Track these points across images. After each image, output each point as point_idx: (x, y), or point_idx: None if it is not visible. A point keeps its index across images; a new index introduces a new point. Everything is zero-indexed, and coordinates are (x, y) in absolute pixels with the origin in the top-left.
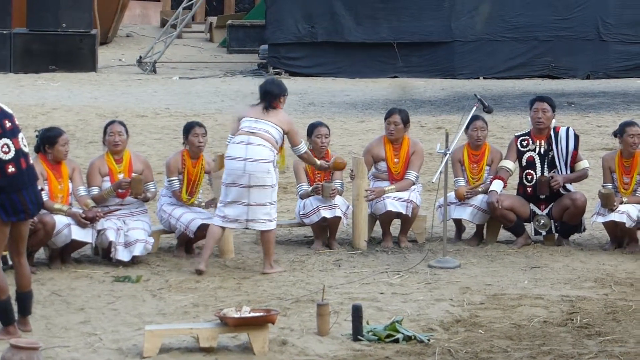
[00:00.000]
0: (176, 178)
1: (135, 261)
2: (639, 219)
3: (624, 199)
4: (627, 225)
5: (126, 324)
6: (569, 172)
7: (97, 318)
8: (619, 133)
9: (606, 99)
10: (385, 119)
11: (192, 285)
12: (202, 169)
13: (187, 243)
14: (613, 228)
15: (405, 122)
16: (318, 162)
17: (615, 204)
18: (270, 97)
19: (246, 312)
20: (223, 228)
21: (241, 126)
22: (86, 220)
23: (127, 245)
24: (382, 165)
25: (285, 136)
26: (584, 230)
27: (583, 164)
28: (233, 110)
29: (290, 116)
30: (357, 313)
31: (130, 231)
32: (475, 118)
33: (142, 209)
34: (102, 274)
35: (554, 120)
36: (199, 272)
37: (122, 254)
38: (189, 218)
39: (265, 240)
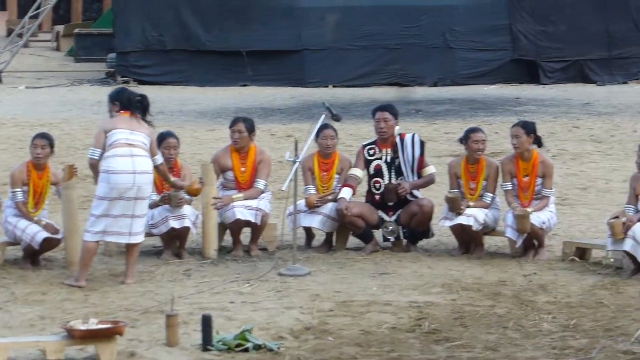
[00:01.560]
0: (20, 189)
1: None
2: (486, 223)
3: (471, 204)
4: (473, 228)
5: None
6: (415, 178)
7: None
8: (464, 139)
9: (453, 106)
10: (230, 127)
11: (38, 298)
12: (47, 181)
13: (33, 255)
14: (460, 232)
15: (250, 130)
16: (172, 178)
17: (462, 207)
18: (142, 108)
19: (93, 324)
20: (98, 242)
21: (115, 139)
22: None
23: None
24: (230, 174)
25: None
26: (432, 236)
27: (429, 169)
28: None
29: None
30: (206, 323)
31: None
32: (324, 126)
33: None
34: None
35: (397, 127)
36: (80, 287)
37: None
38: (34, 230)
39: (135, 252)
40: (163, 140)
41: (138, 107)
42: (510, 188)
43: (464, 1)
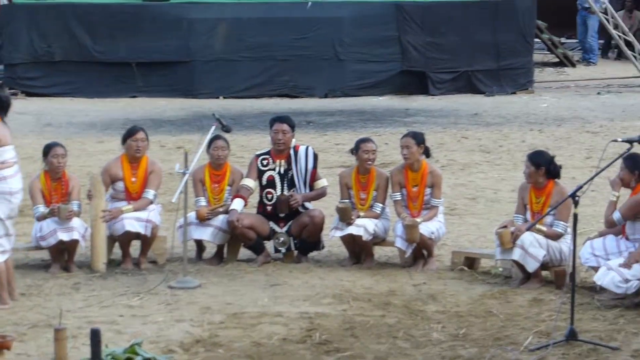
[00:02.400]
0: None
1: None
2: (376, 233)
3: (361, 214)
4: (364, 238)
5: None
6: (308, 190)
7: None
8: (355, 150)
9: (343, 117)
10: (130, 136)
11: None
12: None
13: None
14: (350, 242)
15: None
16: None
17: (352, 217)
18: (5, 107)
19: None
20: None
21: (8, 157)
22: None
23: None
24: (120, 185)
25: None
26: (323, 248)
27: (322, 182)
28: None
29: (27, 138)
30: (95, 337)
31: None
32: (216, 137)
33: None
34: None
35: (294, 140)
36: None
37: None
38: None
39: (9, 268)
40: (50, 149)
41: (4, 108)
42: (399, 198)
43: (353, 13)
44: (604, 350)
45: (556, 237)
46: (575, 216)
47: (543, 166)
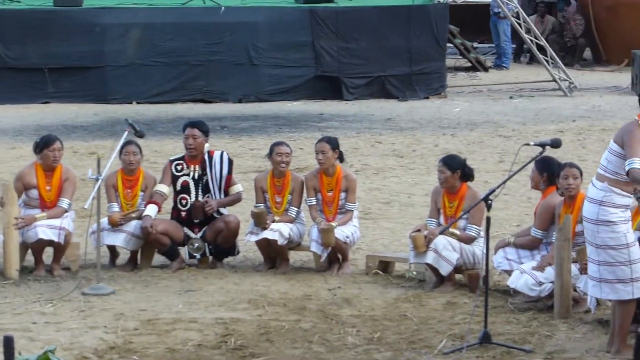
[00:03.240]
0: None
1: None
2: (291, 237)
3: (276, 218)
4: (279, 243)
5: None
6: (223, 196)
7: None
8: (269, 153)
9: (258, 122)
10: (48, 147)
11: None
12: None
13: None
14: (266, 247)
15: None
16: None
17: (267, 222)
18: None
19: None
20: None
21: None
22: None
23: None
24: (34, 192)
25: None
26: (238, 253)
27: (237, 187)
28: None
29: None
30: (8, 344)
31: None
32: (128, 143)
33: None
34: None
35: (207, 145)
36: None
37: None
38: None
39: None
40: None
41: None
42: (314, 203)
43: (267, 18)
44: (517, 353)
45: (469, 240)
46: (488, 219)
47: (458, 169)
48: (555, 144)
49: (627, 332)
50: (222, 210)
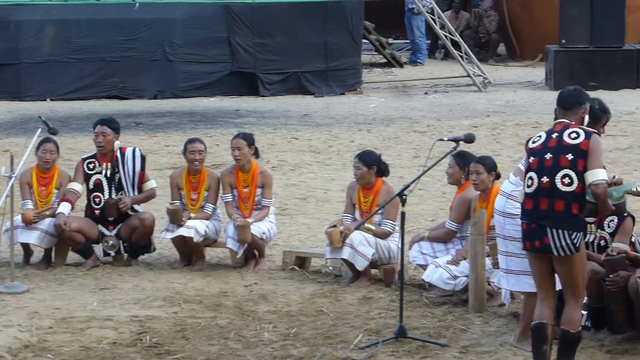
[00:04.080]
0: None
1: None
2: (207, 234)
3: (192, 215)
4: (195, 240)
5: None
6: (136, 193)
7: None
8: (183, 150)
9: (173, 118)
10: None
11: None
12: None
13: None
14: (181, 244)
15: None
16: None
17: (183, 219)
18: None
19: None
20: None
21: None
22: None
23: None
24: None
25: None
26: (154, 250)
27: (151, 184)
28: None
29: None
30: None
31: None
32: (45, 140)
33: None
34: None
35: (117, 142)
36: None
37: None
38: None
39: None
40: None
41: None
42: (230, 199)
43: (182, 14)
44: (432, 347)
45: (385, 235)
46: (403, 214)
47: (374, 165)
48: (469, 139)
49: (529, 323)
50: (136, 207)
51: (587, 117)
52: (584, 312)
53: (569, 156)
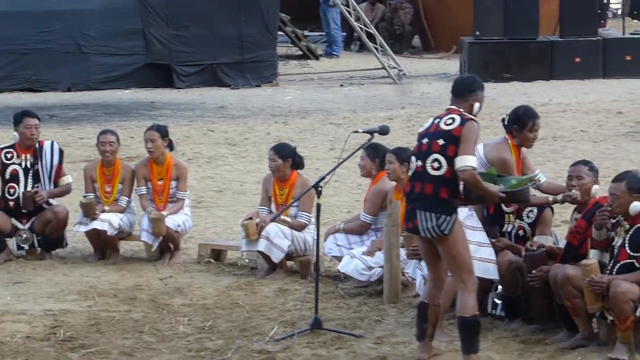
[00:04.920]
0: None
1: None
2: (121, 227)
3: (106, 208)
4: (109, 233)
5: None
6: (52, 186)
7: None
8: (96, 142)
9: (87, 111)
10: None
11: None
12: None
13: None
14: (95, 237)
15: None
16: None
17: (97, 212)
18: None
19: None
20: None
21: None
22: None
23: None
24: None
25: None
26: (67, 245)
27: (67, 179)
28: None
29: None
30: None
31: None
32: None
33: None
34: None
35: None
36: None
37: None
38: None
39: None
40: None
41: None
42: (145, 192)
43: (96, 6)
44: (348, 338)
45: (300, 227)
46: (319, 206)
47: (289, 158)
48: (383, 131)
49: (443, 315)
50: (50, 200)
51: (477, 105)
52: (499, 302)
53: (440, 141)
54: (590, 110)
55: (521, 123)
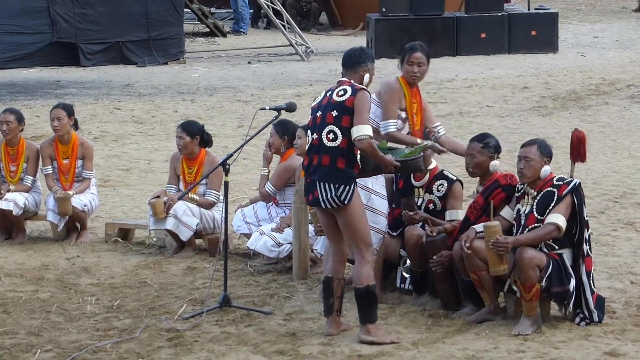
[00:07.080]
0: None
1: None
2: (27, 207)
3: (11, 187)
4: (14, 213)
5: None
6: None
7: None
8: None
9: None
10: None
11: None
12: None
13: None
14: (1, 217)
15: None
16: None
17: (2, 191)
18: None
19: None
20: None
21: None
22: None
23: None
24: None
25: None
26: None
27: None
28: None
29: None
30: None
31: None
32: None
33: None
34: None
35: None
36: None
37: None
38: None
39: None
40: None
41: None
42: (50, 172)
43: None
44: (257, 315)
45: (209, 205)
46: (227, 184)
47: (197, 135)
48: (290, 108)
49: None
50: None
51: (367, 76)
52: (407, 276)
53: (334, 113)
54: (496, 85)
55: (402, 56)
